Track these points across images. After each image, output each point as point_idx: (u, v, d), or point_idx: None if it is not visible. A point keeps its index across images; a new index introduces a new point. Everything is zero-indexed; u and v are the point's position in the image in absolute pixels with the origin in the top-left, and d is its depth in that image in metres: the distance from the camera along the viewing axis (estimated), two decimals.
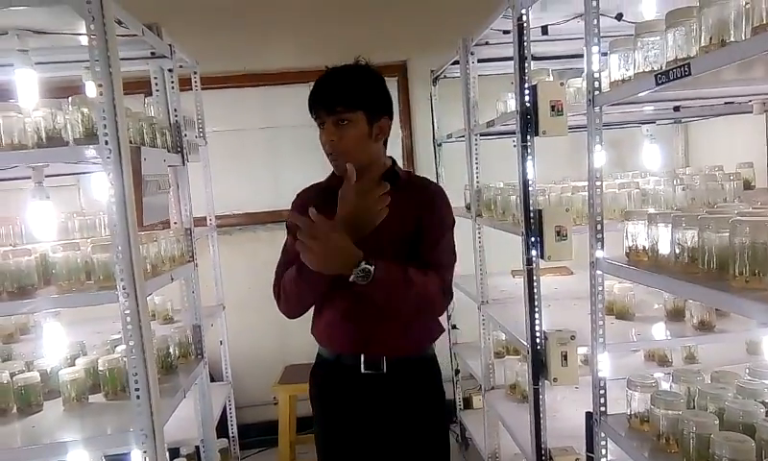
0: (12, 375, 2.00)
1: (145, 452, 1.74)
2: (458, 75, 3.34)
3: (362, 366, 1.69)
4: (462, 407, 3.65)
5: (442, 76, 3.50)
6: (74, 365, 2.09)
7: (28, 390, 1.97)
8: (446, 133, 3.53)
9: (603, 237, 1.67)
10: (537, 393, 2.15)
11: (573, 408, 2.53)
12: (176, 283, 2.42)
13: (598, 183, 1.65)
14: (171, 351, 2.30)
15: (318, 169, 4.14)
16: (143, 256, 1.89)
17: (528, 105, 2.04)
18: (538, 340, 2.12)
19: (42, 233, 2.14)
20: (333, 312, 1.73)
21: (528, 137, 2.05)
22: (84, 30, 2.17)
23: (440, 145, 3.66)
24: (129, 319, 1.71)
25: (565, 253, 2.03)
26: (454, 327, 3.59)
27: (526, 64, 2.05)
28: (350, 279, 1.50)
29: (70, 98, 1.76)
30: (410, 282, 1.55)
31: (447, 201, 1.77)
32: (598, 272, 1.67)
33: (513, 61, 2.66)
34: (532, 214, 2.06)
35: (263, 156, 4.10)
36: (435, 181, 3.49)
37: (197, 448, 2.74)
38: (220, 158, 3.50)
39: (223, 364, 3.24)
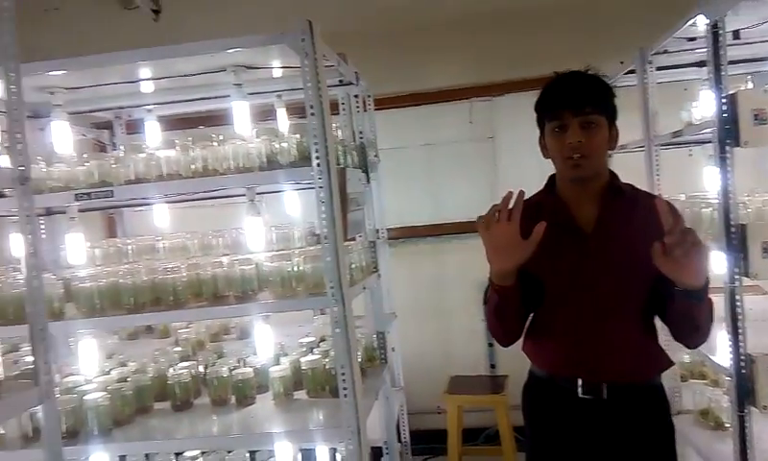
0: (230, 370, 2.27)
1: (351, 448, 1.89)
2: (626, 84, 3.25)
3: (579, 390, 1.60)
4: None
5: (611, 86, 3.41)
6: (278, 364, 2.32)
7: (244, 384, 2.22)
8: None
9: None
10: (742, 420, 2.01)
11: None
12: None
13: None
14: (360, 354, 2.47)
15: (476, 183, 4.21)
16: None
17: (725, 114, 1.95)
18: (742, 364, 2.00)
19: (252, 244, 2.40)
20: (550, 335, 1.68)
21: (727, 149, 1.95)
22: (282, 63, 2.45)
23: (609, 156, 3.55)
24: (337, 323, 1.88)
25: None
26: None
27: (722, 72, 1.95)
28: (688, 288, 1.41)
29: (286, 124, 1.99)
30: (711, 308, 1.52)
31: None
32: None
33: (698, 68, 2.56)
34: (734, 229, 1.95)
35: (423, 171, 4.25)
36: None
37: (373, 449, 2.88)
38: (384, 175, 3.68)
39: (395, 370, 3.39)
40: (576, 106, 1.55)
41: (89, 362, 2.48)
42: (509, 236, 1.45)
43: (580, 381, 1.60)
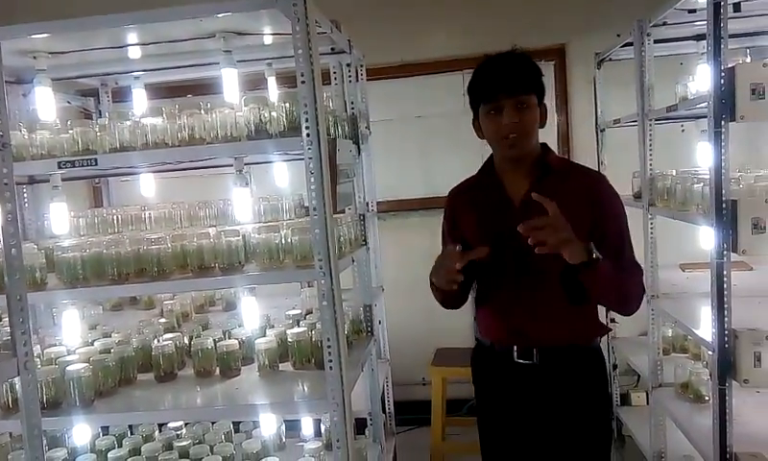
0: (214, 341, 2.25)
1: (335, 419, 1.89)
2: (623, 57, 3.22)
3: (515, 355, 1.75)
4: (619, 403, 3.53)
5: (607, 59, 3.38)
6: (264, 336, 2.31)
7: (229, 355, 2.20)
8: (610, 119, 3.41)
9: None
10: (722, 393, 2.03)
11: (754, 412, 2.36)
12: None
13: None
14: (346, 327, 2.45)
15: (470, 156, 4.20)
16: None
17: (722, 88, 1.92)
18: (726, 338, 2.01)
19: (239, 215, 2.37)
20: (489, 306, 1.83)
21: (722, 123, 1.92)
22: (273, 30, 2.39)
23: (603, 131, 3.54)
24: (325, 295, 1.85)
25: (763, 247, 1.90)
26: (612, 320, 3.47)
27: (722, 45, 1.92)
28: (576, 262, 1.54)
29: (276, 93, 1.94)
30: (620, 284, 1.63)
31: (614, 189, 1.78)
32: None
33: (695, 42, 2.52)
34: (724, 205, 1.94)
35: (415, 144, 4.21)
36: (597, 168, 3.40)
37: (357, 420, 2.89)
38: (374, 147, 3.63)
39: (382, 343, 3.39)
40: (511, 88, 1.65)
41: (72, 333, 2.46)
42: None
43: (515, 348, 1.75)
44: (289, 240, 2.01)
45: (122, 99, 3.31)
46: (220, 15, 2.01)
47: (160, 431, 2.57)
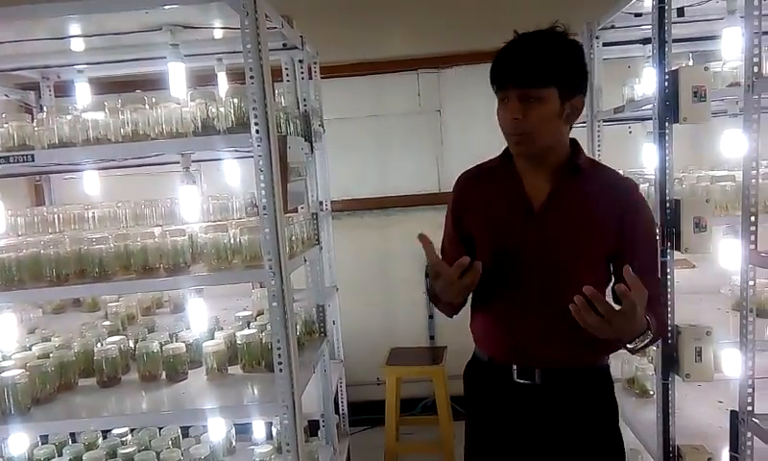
0: (160, 345, 2.18)
1: (285, 423, 1.85)
2: None
3: (515, 374, 1.59)
4: None
5: None
6: (213, 338, 2.25)
7: (175, 359, 2.13)
8: None
9: (756, 230, 1.60)
10: (666, 388, 2.09)
11: (696, 406, 2.44)
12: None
13: (753, 173, 1.58)
14: (298, 328, 2.41)
15: (423, 157, 4.19)
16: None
17: (666, 90, 1.98)
18: (669, 334, 2.06)
19: (186, 214, 2.30)
20: (488, 317, 1.65)
21: (666, 125, 1.98)
22: (223, 24, 2.33)
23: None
24: (275, 297, 1.82)
25: (704, 245, 1.96)
26: None
27: (666, 49, 1.97)
28: (630, 346, 1.42)
29: (226, 89, 1.89)
30: (656, 331, 1.45)
31: (644, 199, 1.62)
32: (751, 266, 1.60)
33: (642, 46, 2.58)
34: (668, 204, 2.00)
35: (370, 143, 4.19)
36: None
37: (310, 422, 2.86)
38: (329, 146, 3.60)
39: (335, 343, 3.36)
40: (517, 78, 1.44)
41: (8, 337, 2.34)
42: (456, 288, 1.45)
43: (515, 366, 1.58)
44: (238, 240, 1.96)
45: (65, 93, 3.17)
46: (166, 7, 1.94)
47: (105, 438, 2.48)
